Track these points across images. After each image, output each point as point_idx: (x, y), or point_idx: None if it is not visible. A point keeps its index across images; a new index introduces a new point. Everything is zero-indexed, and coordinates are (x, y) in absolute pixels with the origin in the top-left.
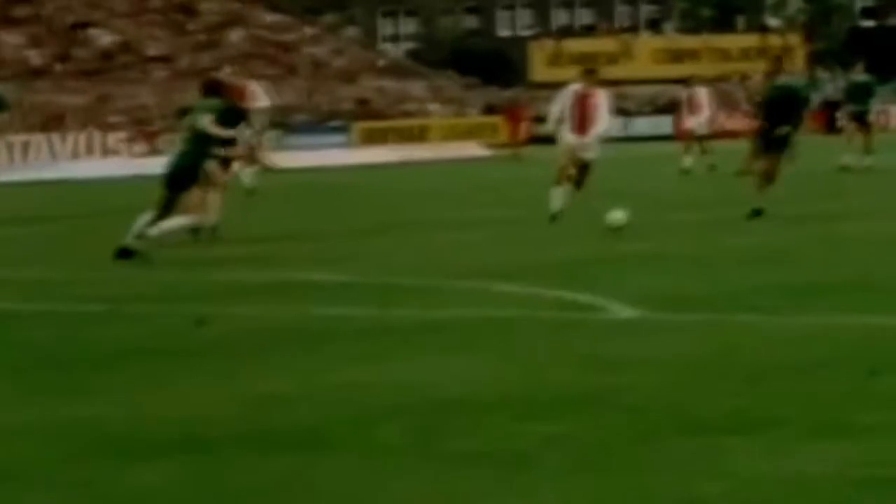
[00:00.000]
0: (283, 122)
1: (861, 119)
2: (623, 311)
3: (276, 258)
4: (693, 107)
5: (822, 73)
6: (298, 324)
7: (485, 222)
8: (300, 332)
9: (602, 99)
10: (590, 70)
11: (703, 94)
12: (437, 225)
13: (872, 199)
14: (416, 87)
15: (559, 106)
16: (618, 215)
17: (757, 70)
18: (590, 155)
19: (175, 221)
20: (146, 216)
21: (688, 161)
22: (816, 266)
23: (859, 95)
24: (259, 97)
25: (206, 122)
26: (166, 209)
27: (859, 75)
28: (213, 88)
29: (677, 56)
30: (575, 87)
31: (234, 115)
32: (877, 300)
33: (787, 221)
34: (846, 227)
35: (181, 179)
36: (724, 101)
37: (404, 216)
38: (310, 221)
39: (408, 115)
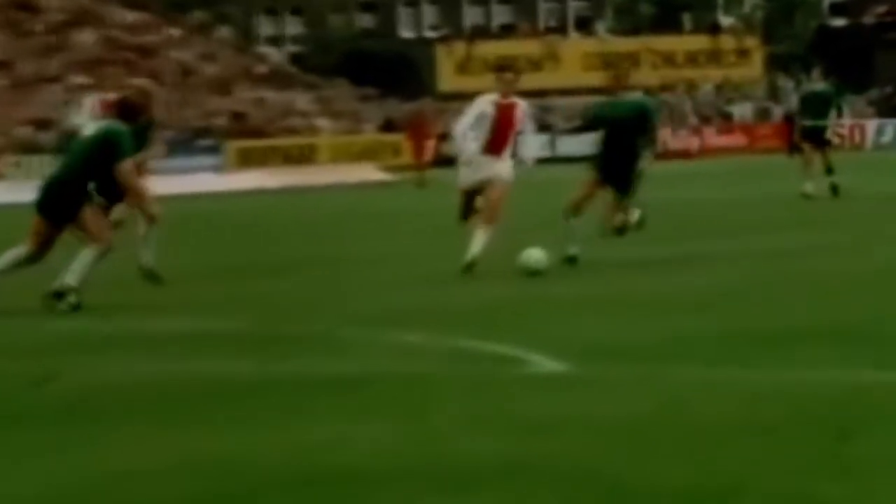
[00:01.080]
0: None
1: (816, 137)
2: (548, 365)
3: (135, 304)
4: None
5: (784, 81)
6: (162, 382)
7: (385, 259)
8: (164, 392)
9: (522, 111)
10: (504, 68)
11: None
12: (327, 262)
13: (842, 229)
14: (302, 99)
15: (470, 119)
16: (535, 255)
17: (708, 77)
18: (503, 178)
19: (85, 256)
20: (15, 252)
21: None
22: (775, 310)
23: (815, 108)
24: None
25: (129, 170)
26: (45, 244)
27: (816, 83)
28: (129, 111)
29: (612, 61)
30: (491, 98)
31: (140, 138)
32: (847, 350)
33: (741, 257)
34: (810, 264)
35: (64, 209)
36: (670, 116)
37: (289, 252)
38: (175, 258)
39: (292, 132)
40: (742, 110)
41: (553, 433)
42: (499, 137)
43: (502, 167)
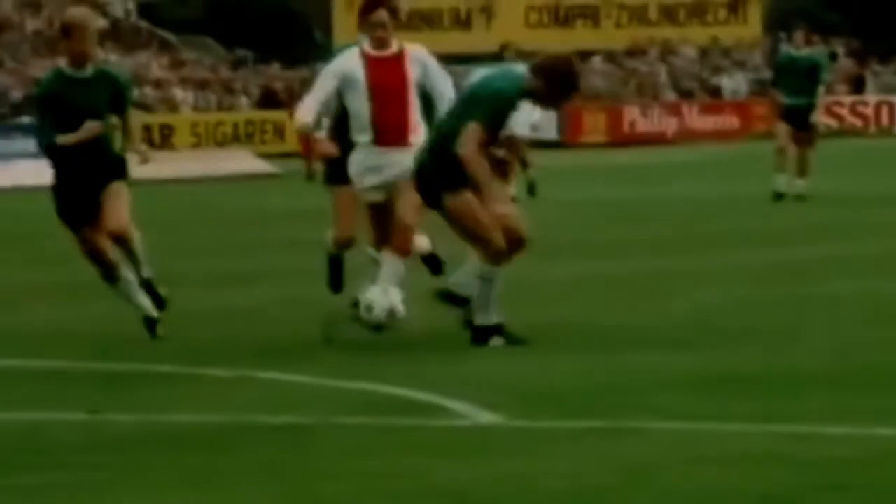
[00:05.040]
0: None
1: (798, 119)
2: (478, 415)
3: None
4: None
5: (786, 44)
6: None
7: (262, 276)
8: None
9: (415, 62)
10: (372, 5)
11: None
12: (185, 280)
13: (863, 241)
14: (155, 64)
15: (320, 93)
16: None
17: (690, 39)
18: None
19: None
20: None
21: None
22: (774, 346)
23: (797, 80)
24: None
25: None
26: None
27: (799, 47)
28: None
29: (563, 16)
30: (355, 52)
31: None
32: (872, 400)
33: (730, 276)
34: (823, 286)
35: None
36: (638, 89)
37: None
38: None
39: (142, 107)
40: (734, 83)
41: None
42: (389, 113)
43: (401, 159)
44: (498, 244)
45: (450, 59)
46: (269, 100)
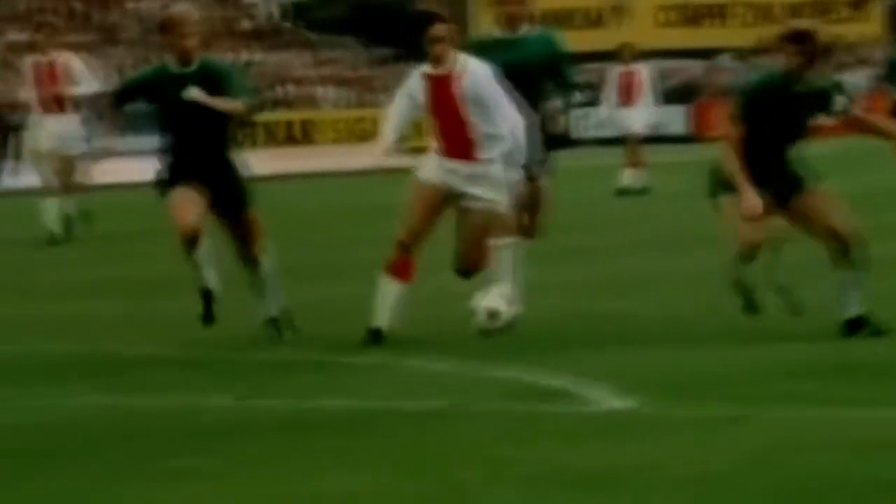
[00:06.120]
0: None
1: None
2: (608, 401)
3: (90, 320)
4: (628, 94)
5: None
6: (112, 418)
7: None
8: (114, 432)
9: (472, 82)
10: (431, 17)
11: (643, 74)
12: (326, 270)
13: None
14: (299, 62)
15: (395, 115)
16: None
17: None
18: (486, 199)
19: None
20: None
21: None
22: (890, 336)
23: None
24: (80, 79)
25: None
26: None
27: None
28: None
29: (692, 15)
30: (418, 73)
31: None
32: None
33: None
34: None
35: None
36: None
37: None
38: (124, 267)
39: (284, 104)
40: (856, 79)
41: (614, 490)
42: (448, 131)
43: (489, 186)
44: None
45: (582, 58)
46: None
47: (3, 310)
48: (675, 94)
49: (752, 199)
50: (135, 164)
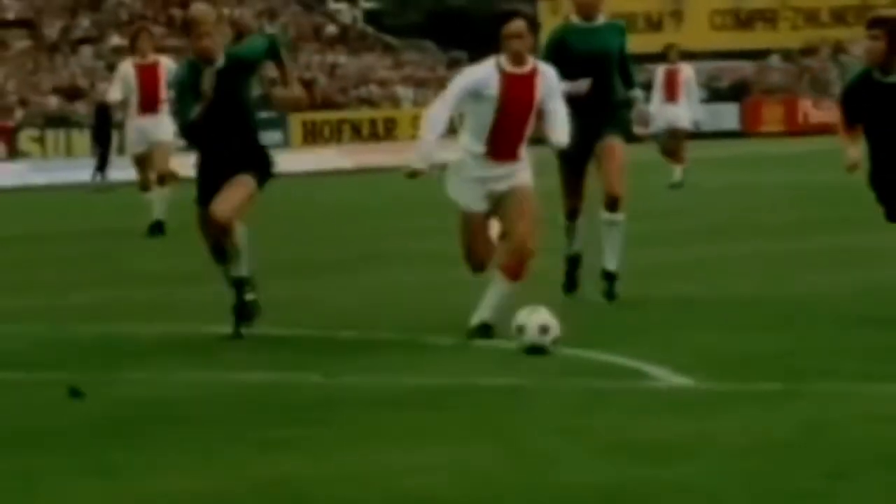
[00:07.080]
0: None
1: None
2: (671, 378)
3: (178, 304)
4: (672, 91)
5: None
6: (210, 395)
7: None
8: (214, 408)
9: (555, 84)
10: (508, 15)
11: (686, 72)
12: (407, 257)
13: None
14: (380, 65)
15: (450, 100)
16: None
17: (858, 39)
18: (525, 185)
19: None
20: None
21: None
22: None
23: None
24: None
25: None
26: None
27: None
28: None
29: (744, 19)
30: (490, 66)
31: None
32: None
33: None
34: None
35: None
36: (812, 84)
37: (361, 245)
38: None
39: (368, 103)
40: None
41: (677, 460)
42: (510, 130)
43: (522, 173)
44: None
45: (643, 59)
46: None
47: (107, 293)
48: (727, 93)
49: (853, 153)
50: None
